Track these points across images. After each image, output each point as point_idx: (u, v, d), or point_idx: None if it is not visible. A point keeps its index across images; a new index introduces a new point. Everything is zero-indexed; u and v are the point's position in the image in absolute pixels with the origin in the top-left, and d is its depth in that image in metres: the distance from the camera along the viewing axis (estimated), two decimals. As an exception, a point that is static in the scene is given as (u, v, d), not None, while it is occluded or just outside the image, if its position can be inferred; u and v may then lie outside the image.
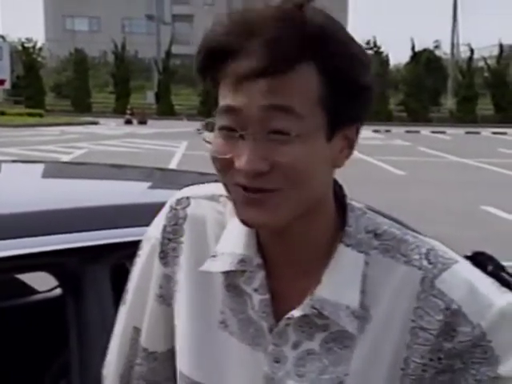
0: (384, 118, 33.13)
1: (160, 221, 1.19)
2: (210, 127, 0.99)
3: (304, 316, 1.05)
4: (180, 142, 19.75)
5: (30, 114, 30.46)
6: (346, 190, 1.08)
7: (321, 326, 1.05)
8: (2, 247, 1.42)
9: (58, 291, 2.51)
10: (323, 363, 1.05)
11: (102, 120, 31.07)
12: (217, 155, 0.98)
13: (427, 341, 1.03)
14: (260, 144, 0.94)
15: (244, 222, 1.00)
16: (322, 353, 1.06)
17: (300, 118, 0.93)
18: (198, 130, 1.00)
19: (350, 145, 1.01)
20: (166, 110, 35.88)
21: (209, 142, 0.99)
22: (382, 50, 37.24)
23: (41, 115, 30.85)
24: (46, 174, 2.29)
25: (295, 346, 1.07)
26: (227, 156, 0.96)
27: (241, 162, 0.94)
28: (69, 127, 26.72)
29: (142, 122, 30.42)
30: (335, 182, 1.07)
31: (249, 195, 0.97)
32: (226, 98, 0.96)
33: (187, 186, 1.17)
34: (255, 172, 0.94)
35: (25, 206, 1.57)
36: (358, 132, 1.01)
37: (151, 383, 1.24)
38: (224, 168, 0.98)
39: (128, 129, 27.31)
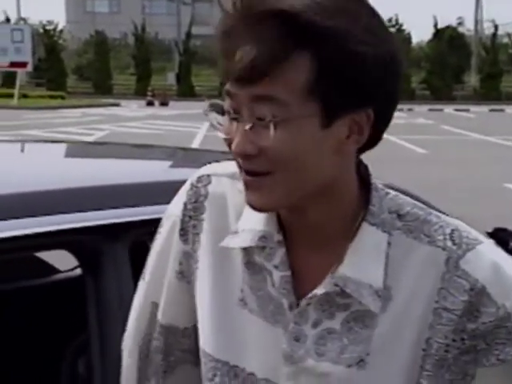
0: (406, 96, 32.90)
1: (181, 198, 1.19)
2: (219, 109, 1.02)
3: (326, 294, 1.04)
4: (201, 123, 19.77)
5: (51, 97, 30.64)
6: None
7: (342, 305, 1.05)
8: (23, 225, 1.42)
9: (80, 271, 2.53)
10: (343, 342, 1.05)
11: (123, 102, 31.17)
12: (223, 136, 1.01)
13: (450, 321, 1.02)
14: (249, 128, 0.97)
15: (249, 205, 1.03)
16: (342, 332, 1.05)
17: (284, 106, 0.95)
18: (205, 111, 1.02)
19: (359, 131, 0.99)
20: (186, 92, 35.92)
21: (215, 125, 1.02)
22: (404, 27, 36.99)
23: (62, 97, 31.02)
24: (67, 154, 2.30)
25: (315, 324, 1.06)
26: (229, 137, 1.00)
27: (233, 145, 0.99)
28: (90, 109, 26.85)
29: (164, 104, 30.48)
30: (360, 162, 1.06)
31: (247, 178, 1.01)
32: (228, 83, 0.99)
33: (208, 164, 1.17)
34: (244, 154, 0.98)
35: (46, 184, 1.57)
36: (368, 118, 0.99)
37: (168, 357, 1.24)
38: (230, 149, 1.01)
39: (149, 110, 27.39)
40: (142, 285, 1.26)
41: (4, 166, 1.85)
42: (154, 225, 1.24)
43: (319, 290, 1.04)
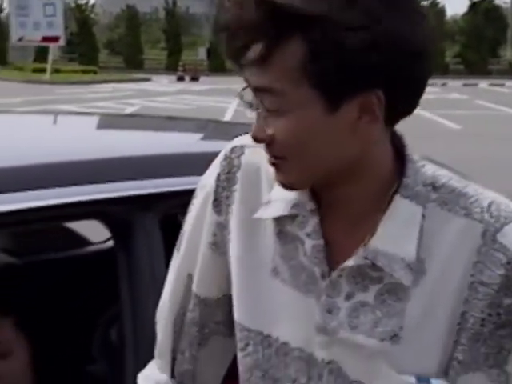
0: (440, 71, 32.51)
1: (214, 169, 1.19)
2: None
3: (357, 267, 1.04)
4: (232, 98, 19.75)
5: (83, 71, 30.80)
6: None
7: (375, 278, 1.04)
8: (56, 195, 1.42)
9: (111, 242, 2.54)
10: (376, 315, 1.04)
11: (154, 77, 31.23)
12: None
13: (487, 295, 1.01)
14: (261, 116, 1.01)
15: (277, 182, 1.06)
16: (375, 305, 1.04)
17: (282, 96, 0.97)
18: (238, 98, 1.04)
19: (371, 112, 0.98)
20: (217, 66, 35.85)
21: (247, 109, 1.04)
22: (438, 1, 36.49)
23: (94, 72, 31.16)
24: (100, 125, 2.30)
25: (348, 297, 1.05)
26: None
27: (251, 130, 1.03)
28: (121, 84, 26.94)
29: (194, 79, 30.48)
30: (393, 134, 1.05)
31: (269, 160, 1.04)
32: None
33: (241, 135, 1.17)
34: (258, 140, 1.02)
35: (79, 154, 1.57)
36: (379, 99, 0.97)
37: (202, 329, 1.24)
38: None
39: (180, 85, 27.41)
40: (177, 257, 1.26)
41: (37, 136, 1.86)
42: (186, 196, 1.24)
43: (350, 263, 1.04)
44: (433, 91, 24.55)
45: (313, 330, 1.07)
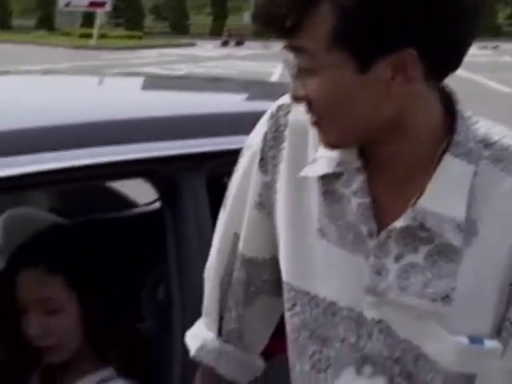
0: (492, 33, 31.77)
1: (261, 128, 1.18)
2: None
3: (406, 228, 1.02)
4: (277, 63, 19.65)
5: (129, 37, 30.85)
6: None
7: (424, 239, 1.02)
8: (104, 153, 1.43)
9: (158, 204, 2.56)
10: (427, 276, 1.03)
11: (199, 42, 31.16)
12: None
13: None
14: (296, 76, 1.02)
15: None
16: (425, 266, 1.03)
17: (313, 56, 0.98)
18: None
19: (405, 71, 0.97)
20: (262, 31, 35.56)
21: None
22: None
23: (140, 37, 31.20)
24: (148, 86, 2.30)
25: (397, 258, 1.04)
26: None
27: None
28: (167, 49, 26.94)
29: (239, 43, 30.32)
30: (442, 90, 1.03)
31: (309, 119, 1.04)
32: None
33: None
34: (295, 100, 1.04)
35: (127, 113, 1.57)
36: (412, 58, 0.96)
37: (248, 288, 1.25)
38: None
39: (225, 50, 27.31)
40: (223, 216, 1.26)
41: (85, 96, 1.86)
42: (232, 155, 1.23)
43: (399, 224, 1.02)
44: (484, 54, 24.04)
45: (361, 290, 1.07)
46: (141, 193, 2.61)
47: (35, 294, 1.59)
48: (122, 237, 2.13)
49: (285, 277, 1.16)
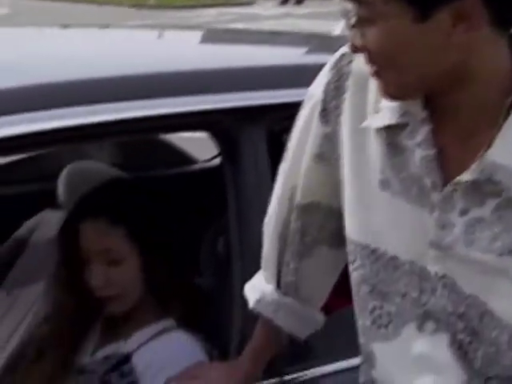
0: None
1: (322, 78, 1.16)
2: None
3: (473, 181, 1.00)
4: (337, 22, 19.36)
5: (188, -4, 30.74)
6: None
7: (491, 192, 1.00)
8: (164, 105, 1.43)
9: (217, 161, 2.58)
10: (494, 231, 1.00)
11: (258, 0, 30.91)
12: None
13: None
14: (355, 26, 1.01)
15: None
16: (492, 220, 1.00)
17: (371, 5, 0.97)
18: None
19: (466, 19, 0.94)
20: (322, -11, 35.13)
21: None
22: None
23: (199, -4, 31.06)
24: (208, 39, 2.29)
25: (463, 212, 1.02)
26: None
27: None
28: (226, 8, 26.78)
29: (299, 2, 29.94)
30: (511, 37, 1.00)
31: (370, 70, 1.03)
32: None
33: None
34: (354, 50, 1.03)
35: (187, 64, 1.57)
36: (473, 5, 0.93)
37: (304, 237, 1.25)
38: None
39: (284, 9, 27.00)
40: (283, 169, 1.26)
41: (145, 48, 1.86)
42: (294, 109, 1.22)
43: (465, 177, 1.00)
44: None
45: (425, 244, 1.05)
46: (202, 150, 2.64)
47: (97, 245, 1.61)
48: (181, 192, 2.15)
49: (346, 229, 1.15)
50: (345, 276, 1.23)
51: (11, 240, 2.21)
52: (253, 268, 1.36)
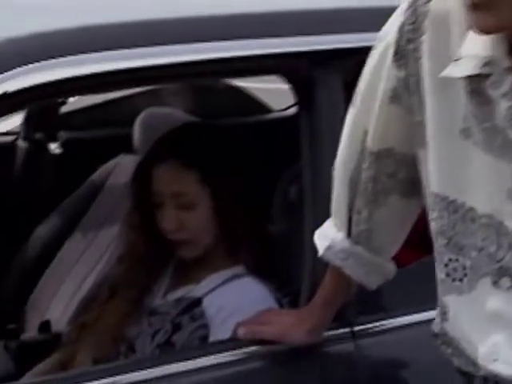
0: None
1: (397, 18, 1.11)
2: None
3: None
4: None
5: None
6: None
7: None
8: (240, 47, 1.41)
9: (292, 110, 2.55)
10: None
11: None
12: None
13: None
14: None
15: (474, 26, 0.96)
16: None
17: None
18: None
19: None
20: None
21: None
22: None
23: None
24: None
25: None
26: None
27: None
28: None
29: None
30: None
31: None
32: None
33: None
34: None
35: (260, 6, 1.53)
36: None
37: (376, 184, 1.22)
38: None
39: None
40: (352, 112, 1.23)
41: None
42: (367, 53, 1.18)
43: None
44: None
45: (504, 198, 1.01)
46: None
47: (170, 188, 1.62)
48: (256, 140, 2.14)
49: (424, 180, 1.12)
50: (422, 228, 1.20)
51: (87, 183, 2.25)
52: (325, 216, 1.35)
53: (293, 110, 2.56)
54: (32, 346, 1.91)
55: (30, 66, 1.26)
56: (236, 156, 1.70)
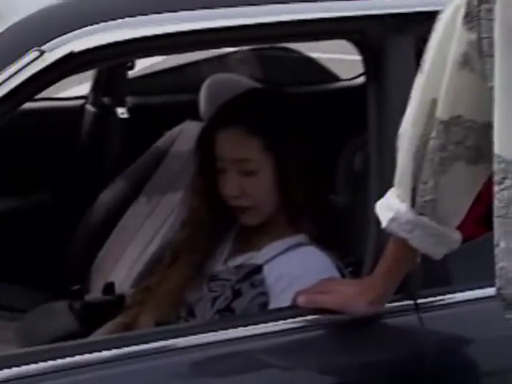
0: None
1: None
2: None
3: None
4: None
5: None
6: None
7: None
8: (303, 10, 1.38)
9: (360, 80, 2.51)
10: None
11: None
12: None
13: None
14: None
15: None
16: None
17: None
18: None
19: None
20: None
21: None
22: None
23: None
24: None
25: None
26: None
27: None
28: None
29: None
30: None
31: None
32: None
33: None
34: None
35: None
36: None
37: (444, 153, 1.18)
38: None
39: None
40: (420, 80, 1.19)
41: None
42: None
43: None
44: None
45: None
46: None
47: (233, 154, 1.60)
48: (322, 108, 2.11)
49: (496, 146, 1.07)
50: (486, 201, 1.17)
51: (153, 149, 2.26)
52: (390, 186, 1.31)
53: (361, 80, 2.52)
54: (96, 306, 1.93)
55: (96, 26, 1.26)
56: (301, 124, 1.68)
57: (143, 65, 2.56)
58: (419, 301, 1.43)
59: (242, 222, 1.65)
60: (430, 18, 1.37)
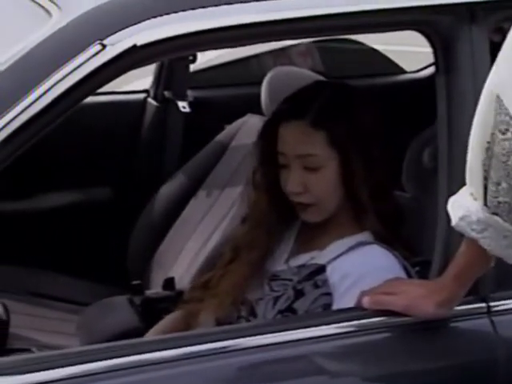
0: None
1: None
2: None
3: None
4: None
5: None
6: None
7: None
8: (373, 0, 1.33)
9: (427, 72, 2.45)
10: None
11: None
12: None
13: None
14: None
15: None
16: None
17: None
18: None
19: None
20: None
21: None
22: None
23: None
24: None
25: None
26: None
27: None
28: None
29: None
30: None
31: None
32: None
33: None
34: None
35: None
36: None
37: None
38: None
39: None
40: (492, 75, 1.15)
41: None
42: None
43: None
44: None
45: None
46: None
47: (296, 149, 1.56)
48: (388, 101, 2.05)
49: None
50: None
51: (214, 143, 2.24)
52: (461, 183, 1.26)
53: (427, 72, 2.47)
54: (156, 302, 1.92)
55: (160, 18, 1.24)
56: (366, 118, 1.62)
57: (208, 57, 2.54)
58: (491, 303, 1.37)
59: (304, 220, 1.61)
60: (504, 7, 1.31)
